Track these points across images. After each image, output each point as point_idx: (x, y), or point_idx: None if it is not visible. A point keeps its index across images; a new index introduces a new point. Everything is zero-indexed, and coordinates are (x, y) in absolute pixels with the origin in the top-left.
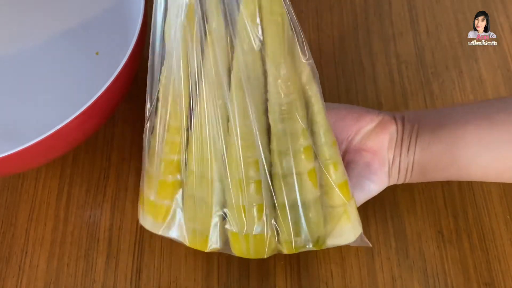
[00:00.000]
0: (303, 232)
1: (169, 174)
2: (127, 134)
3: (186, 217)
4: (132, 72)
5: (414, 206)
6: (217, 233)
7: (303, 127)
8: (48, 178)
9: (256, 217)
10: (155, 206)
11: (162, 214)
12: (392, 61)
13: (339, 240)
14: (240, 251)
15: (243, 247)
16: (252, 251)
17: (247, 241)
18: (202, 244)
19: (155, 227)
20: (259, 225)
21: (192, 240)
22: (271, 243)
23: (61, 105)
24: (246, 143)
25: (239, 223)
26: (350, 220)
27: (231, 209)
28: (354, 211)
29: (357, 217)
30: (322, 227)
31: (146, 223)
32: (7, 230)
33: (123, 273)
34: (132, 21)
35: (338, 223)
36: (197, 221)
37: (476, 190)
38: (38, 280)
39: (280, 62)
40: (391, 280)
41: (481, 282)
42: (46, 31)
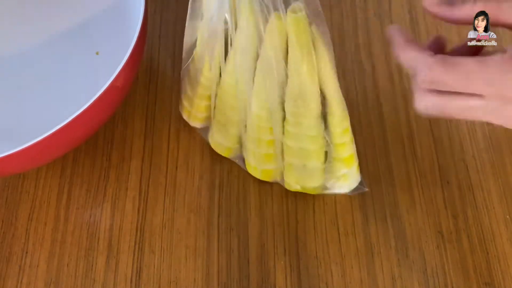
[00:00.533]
0: (302, 183)
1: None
2: (127, 134)
3: (215, 133)
4: (132, 72)
5: (414, 206)
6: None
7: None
8: (49, 178)
9: (265, 161)
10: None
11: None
12: (392, 61)
13: (335, 191)
14: (251, 171)
15: (252, 170)
16: (259, 175)
17: (256, 170)
18: (224, 152)
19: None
20: (268, 165)
21: (216, 148)
22: (276, 175)
23: (61, 105)
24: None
25: (251, 160)
26: (348, 180)
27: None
28: (354, 172)
29: (356, 174)
30: (321, 183)
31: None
32: (7, 230)
33: (123, 273)
34: (132, 21)
35: (336, 181)
36: (223, 139)
37: (476, 190)
38: (38, 280)
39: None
40: (391, 280)
41: (481, 282)
42: (46, 31)
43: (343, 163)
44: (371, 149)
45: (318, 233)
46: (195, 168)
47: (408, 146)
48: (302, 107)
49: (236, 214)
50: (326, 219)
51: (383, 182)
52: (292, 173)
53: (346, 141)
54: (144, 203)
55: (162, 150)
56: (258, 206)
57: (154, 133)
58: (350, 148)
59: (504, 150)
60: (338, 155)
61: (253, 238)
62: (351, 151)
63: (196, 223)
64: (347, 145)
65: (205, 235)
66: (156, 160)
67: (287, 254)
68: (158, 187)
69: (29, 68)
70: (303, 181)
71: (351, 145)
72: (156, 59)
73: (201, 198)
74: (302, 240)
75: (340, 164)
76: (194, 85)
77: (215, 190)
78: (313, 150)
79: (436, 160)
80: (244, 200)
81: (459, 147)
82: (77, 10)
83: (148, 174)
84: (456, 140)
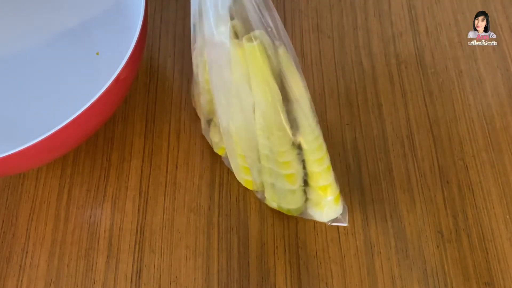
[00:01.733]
0: (276, 202)
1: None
2: (127, 134)
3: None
4: (132, 72)
5: (414, 206)
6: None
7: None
8: (49, 178)
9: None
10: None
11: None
12: (391, 61)
13: (312, 216)
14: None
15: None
16: (243, 183)
17: (239, 177)
18: (219, 151)
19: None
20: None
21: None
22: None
23: (61, 105)
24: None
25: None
26: (324, 209)
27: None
28: (332, 203)
29: (334, 205)
30: (298, 207)
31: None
32: (8, 230)
33: (123, 273)
34: (132, 21)
35: (313, 208)
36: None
37: (476, 190)
38: (39, 280)
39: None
40: (391, 280)
41: (480, 282)
42: (46, 31)
43: (320, 191)
44: (371, 149)
45: (318, 233)
46: (195, 168)
47: (408, 146)
48: (270, 135)
49: (236, 214)
50: None
51: (383, 182)
52: (269, 191)
53: (322, 170)
54: (144, 203)
55: (162, 150)
56: (258, 206)
57: (154, 133)
58: (326, 178)
59: (504, 150)
60: (314, 183)
61: (253, 238)
62: (327, 181)
63: (196, 223)
64: (323, 175)
65: (205, 235)
66: (156, 160)
67: (287, 254)
68: (158, 187)
69: (29, 68)
70: (279, 200)
71: (327, 175)
72: (156, 59)
73: (201, 198)
74: (302, 240)
75: (317, 192)
76: (196, 82)
77: (215, 190)
78: (287, 175)
79: (436, 160)
80: (244, 200)
81: (459, 147)
82: (77, 10)
83: (148, 174)
84: (456, 140)
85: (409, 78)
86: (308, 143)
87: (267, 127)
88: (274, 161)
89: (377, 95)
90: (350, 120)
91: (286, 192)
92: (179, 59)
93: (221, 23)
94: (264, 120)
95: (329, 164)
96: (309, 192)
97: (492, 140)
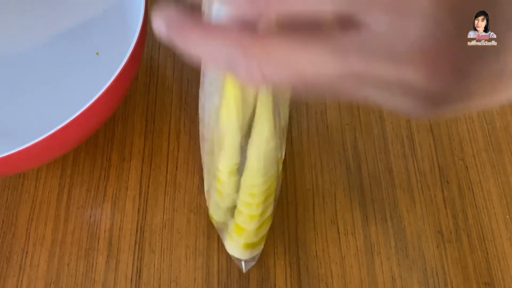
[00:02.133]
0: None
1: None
2: (127, 134)
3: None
4: (132, 72)
5: (414, 206)
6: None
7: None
8: (49, 178)
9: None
10: None
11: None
12: None
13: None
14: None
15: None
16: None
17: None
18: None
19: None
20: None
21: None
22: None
23: (61, 105)
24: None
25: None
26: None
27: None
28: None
29: (241, 248)
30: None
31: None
32: (8, 230)
33: (123, 273)
34: (132, 21)
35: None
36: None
37: (476, 190)
38: (39, 280)
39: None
40: (391, 280)
41: (480, 282)
42: (46, 31)
43: (235, 227)
44: (371, 149)
45: (318, 233)
46: (195, 168)
47: (408, 146)
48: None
49: None
50: (326, 218)
51: (383, 182)
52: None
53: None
54: (144, 203)
55: (162, 150)
56: None
57: (154, 133)
58: (248, 223)
59: (504, 150)
60: (237, 216)
61: None
62: (249, 227)
63: (196, 223)
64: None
65: (205, 235)
66: (156, 160)
67: (287, 254)
68: (158, 187)
69: (29, 68)
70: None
71: (252, 222)
72: (156, 59)
73: (201, 198)
74: (302, 240)
75: (234, 225)
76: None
77: None
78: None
79: (436, 160)
80: None
81: (459, 147)
82: (77, 10)
83: (148, 174)
84: (456, 140)
85: None
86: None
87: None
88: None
89: None
90: (350, 120)
91: (214, 201)
92: (179, 59)
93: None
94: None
95: (265, 219)
96: (229, 219)
97: (492, 140)
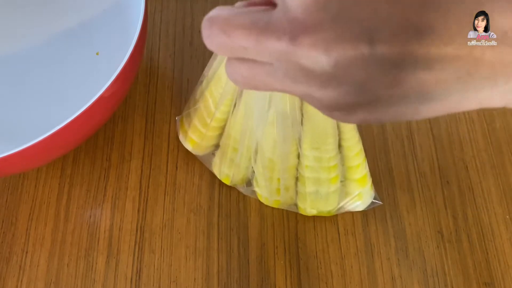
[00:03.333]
0: (317, 207)
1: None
2: (127, 134)
3: (221, 163)
4: (132, 72)
5: (414, 206)
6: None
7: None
8: (49, 178)
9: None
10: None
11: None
12: None
13: (350, 209)
14: (262, 200)
15: (264, 200)
16: (271, 204)
17: (268, 200)
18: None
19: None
20: (279, 197)
21: (224, 179)
22: (289, 203)
23: (61, 105)
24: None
25: (263, 192)
26: (362, 199)
27: (259, 181)
28: (369, 190)
29: (370, 192)
30: (336, 205)
31: (187, 146)
32: (8, 230)
33: (123, 273)
34: (132, 21)
35: (351, 201)
36: (231, 171)
37: (476, 190)
38: (39, 280)
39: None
40: (391, 280)
41: (480, 282)
42: (46, 31)
43: (358, 184)
44: (371, 149)
45: (318, 233)
46: (195, 168)
47: (408, 146)
48: (322, 144)
49: (236, 214)
50: (326, 219)
51: (383, 182)
52: (306, 200)
53: (360, 163)
54: (144, 203)
55: (162, 150)
56: (258, 206)
57: (154, 133)
58: (363, 169)
59: (504, 150)
60: (352, 177)
61: (253, 238)
62: (364, 172)
63: (196, 223)
64: (361, 166)
65: (205, 235)
66: (156, 160)
67: (287, 254)
68: (158, 187)
69: (29, 68)
70: (318, 206)
71: (364, 166)
72: (156, 59)
73: (201, 198)
74: (302, 240)
75: (355, 185)
76: (206, 117)
77: (215, 190)
78: (330, 178)
79: (436, 160)
80: (244, 200)
81: (459, 147)
82: (77, 10)
83: (148, 174)
84: (456, 140)
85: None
86: (348, 140)
87: (319, 138)
88: (320, 168)
89: None
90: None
91: (329, 194)
92: (179, 59)
93: None
94: (318, 132)
95: (364, 156)
96: (343, 188)
97: (492, 140)
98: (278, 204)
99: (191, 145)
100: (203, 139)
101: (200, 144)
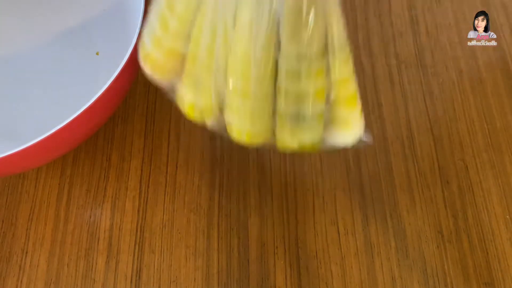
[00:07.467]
0: (298, 138)
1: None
2: (127, 134)
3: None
4: (132, 72)
5: (414, 206)
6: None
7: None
8: (49, 178)
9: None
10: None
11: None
12: (392, 62)
13: (336, 143)
14: (235, 137)
15: (236, 134)
16: (245, 138)
17: (240, 133)
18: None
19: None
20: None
21: (190, 111)
22: (265, 135)
23: (61, 105)
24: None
25: (235, 121)
26: (350, 127)
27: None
28: (357, 117)
29: (359, 121)
30: (320, 136)
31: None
32: (8, 230)
33: (123, 273)
34: (132, 21)
35: (337, 130)
36: (196, 96)
37: (476, 190)
38: (39, 280)
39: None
40: (391, 280)
41: (480, 282)
42: (46, 31)
43: (345, 105)
44: (371, 149)
45: (318, 233)
46: (195, 168)
47: (408, 146)
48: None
49: (236, 214)
50: (326, 218)
51: (383, 182)
52: (286, 127)
53: (348, 76)
54: (144, 203)
55: (162, 150)
56: (258, 206)
57: (154, 133)
58: (352, 85)
59: (504, 150)
60: (339, 95)
61: (253, 238)
62: (353, 88)
63: (196, 223)
64: (349, 81)
65: (205, 235)
66: (156, 160)
67: (287, 254)
68: (158, 187)
69: (29, 68)
70: (299, 134)
71: (352, 81)
72: None
73: (201, 198)
74: (302, 240)
75: (341, 108)
76: (168, 19)
77: (215, 190)
78: (317, 91)
79: (436, 160)
80: (244, 200)
81: (459, 147)
82: (77, 10)
83: (148, 174)
84: (456, 140)
85: (409, 78)
86: (334, 42)
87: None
88: (303, 74)
89: (377, 95)
90: None
91: (313, 119)
92: None
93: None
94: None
95: (353, 67)
96: (332, 112)
97: (492, 140)
98: (255, 137)
99: (150, 64)
100: (163, 52)
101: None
